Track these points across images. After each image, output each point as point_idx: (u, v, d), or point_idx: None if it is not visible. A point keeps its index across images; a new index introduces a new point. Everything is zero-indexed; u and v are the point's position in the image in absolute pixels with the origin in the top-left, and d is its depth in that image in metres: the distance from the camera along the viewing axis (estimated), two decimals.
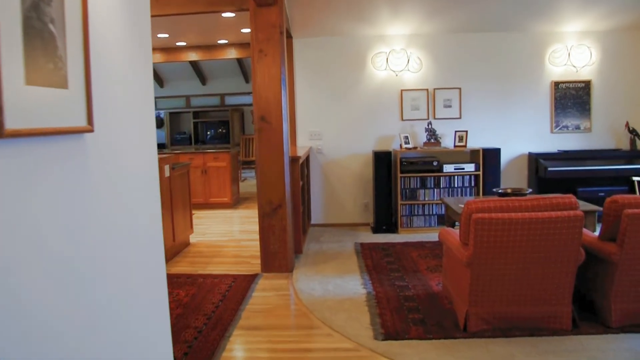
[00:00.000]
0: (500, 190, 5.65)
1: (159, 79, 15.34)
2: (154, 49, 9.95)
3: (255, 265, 5.95)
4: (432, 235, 7.06)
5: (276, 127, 5.59)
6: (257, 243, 5.86)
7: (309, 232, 7.50)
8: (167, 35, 8.63)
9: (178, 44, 9.60)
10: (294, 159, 6.00)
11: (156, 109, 15.67)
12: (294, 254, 5.99)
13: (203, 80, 15.38)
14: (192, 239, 7.33)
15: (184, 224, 6.90)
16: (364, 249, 6.50)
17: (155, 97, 14.68)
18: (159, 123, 15.79)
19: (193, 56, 10.05)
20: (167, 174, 6.32)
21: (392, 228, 7.41)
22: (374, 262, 5.92)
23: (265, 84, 5.57)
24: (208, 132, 15.77)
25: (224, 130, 15.62)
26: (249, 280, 5.45)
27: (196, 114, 15.60)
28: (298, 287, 5.19)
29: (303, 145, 7.79)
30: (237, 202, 10.04)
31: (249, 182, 12.92)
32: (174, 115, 15.73)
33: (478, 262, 3.73)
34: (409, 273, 5.46)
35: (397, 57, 7.61)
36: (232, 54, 9.84)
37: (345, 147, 7.83)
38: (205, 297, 4.98)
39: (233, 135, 15.35)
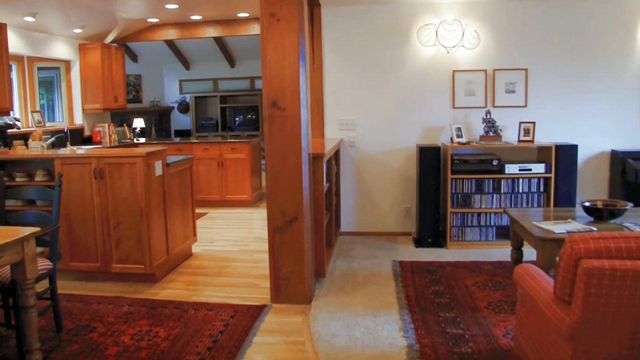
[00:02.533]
0: (587, 204, 4.24)
1: (184, 60, 14.21)
2: (167, 24, 8.75)
3: (264, 291, 4.66)
4: (489, 253, 5.65)
5: (292, 114, 4.27)
6: None
7: (338, 243, 6.17)
8: (176, 6, 7.37)
9: (193, 17, 8.35)
10: (315, 157, 4.67)
11: (182, 92, 14.64)
12: (313, 278, 4.68)
13: (231, 62, 14.18)
14: (196, 248, 6.10)
15: (183, 232, 5.66)
16: (404, 270, 5.14)
17: (181, 81, 13.64)
18: (185, 108, 14.67)
19: (212, 32, 8.80)
20: (158, 172, 5.06)
21: (440, 241, 6.01)
22: (417, 291, 4.56)
23: (278, 58, 4.25)
24: (236, 118, 14.60)
25: (253, 116, 14.44)
26: (252, 316, 4.17)
27: (224, 99, 14.47)
28: (315, 329, 3.88)
29: (332, 137, 6.45)
30: (258, 199, 8.78)
31: None
32: (201, 100, 14.61)
33: (589, 334, 2.35)
34: (465, 312, 4.08)
35: (449, 29, 6.17)
36: (255, 29, 8.55)
37: (383, 140, 6.45)
38: (190, 342, 3.72)
39: (263, 122, 14.12)
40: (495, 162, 5.83)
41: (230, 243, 6.40)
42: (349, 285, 4.80)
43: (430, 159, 5.91)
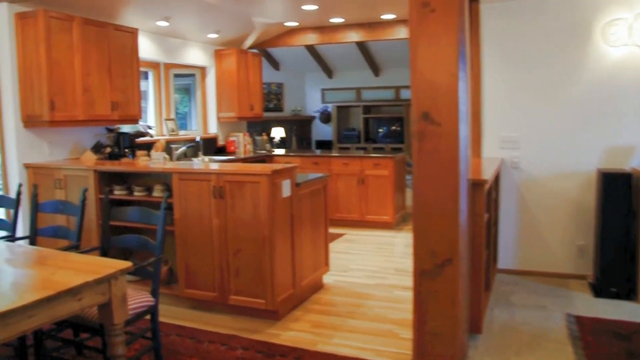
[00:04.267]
0: None
1: (327, 69, 13.75)
2: (306, 28, 8.19)
3: (405, 344, 3.82)
4: None
5: (448, 131, 3.38)
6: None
7: (494, 284, 5.14)
8: (316, 7, 6.74)
9: (333, 20, 7.71)
10: (476, 184, 3.74)
11: (324, 102, 14.20)
12: (467, 335, 3.74)
13: (376, 70, 13.50)
14: (328, 278, 5.37)
15: (314, 260, 4.96)
16: (583, 330, 4.02)
17: (324, 90, 13.14)
18: (326, 118, 14.21)
19: (354, 36, 8.11)
20: (285, 193, 4.38)
21: (629, 292, 4.75)
22: None
23: (432, 58, 3.38)
24: (380, 130, 13.88)
25: (398, 128, 13.64)
26: None
27: (367, 109, 13.83)
28: None
29: (490, 157, 5.45)
30: (401, 220, 7.90)
31: None
32: (343, 110, 14.09)
33: None
34: None
35: None
36: (401, 32, 7.73)
37: (553, 161, 5.33)
38: None
39: (408, 134, 13.27)
40: None
41: (367, 274, 5.60)
42: (511, 346, 3.79)
43: (616, 188, 4.73)
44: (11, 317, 2.23)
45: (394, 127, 13.73)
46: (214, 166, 4.78)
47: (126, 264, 2.71)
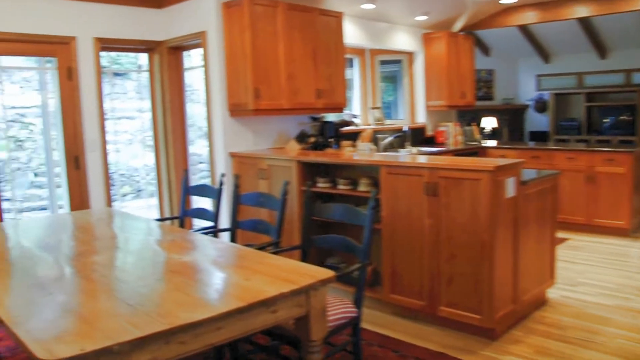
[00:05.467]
0: None
1: (543, 52, 12.53)
2: (523, 5, 7.32)
3: None
4: None
5: None
6: None
7: None
8: None
9: None
10: None
11: (539, 89, 12.97)
12: None
13: (602, 52, 11.95)
14: (552, 293, 4.58)
15: (538, 271, 4.23)
16: None
17: (539, 75, 11.93)
18: (542, 107, 12.96)
19: (581, 11, 7.03)
20: (509, 192, 3.72)
21: None
22: None
23: None
24: (605, 120, 12.28)
25: (628, 118, 11.94)
26: None
27: (590, 96, 12.31)
28: None
29: None
30: (638, 227, 6.69)
31: None
32: (562, 97, 12.72)
33: None
34: None
35: None
36: None
37: None
38: None
39: None
40: None
41: (601, 291, 4.70)
42: None
43: None
44: (200, 327, 1.97)
45: (622, 117, 12.05)
46: (425, 159, 4.27)
47: (328, 274, 2.32)
